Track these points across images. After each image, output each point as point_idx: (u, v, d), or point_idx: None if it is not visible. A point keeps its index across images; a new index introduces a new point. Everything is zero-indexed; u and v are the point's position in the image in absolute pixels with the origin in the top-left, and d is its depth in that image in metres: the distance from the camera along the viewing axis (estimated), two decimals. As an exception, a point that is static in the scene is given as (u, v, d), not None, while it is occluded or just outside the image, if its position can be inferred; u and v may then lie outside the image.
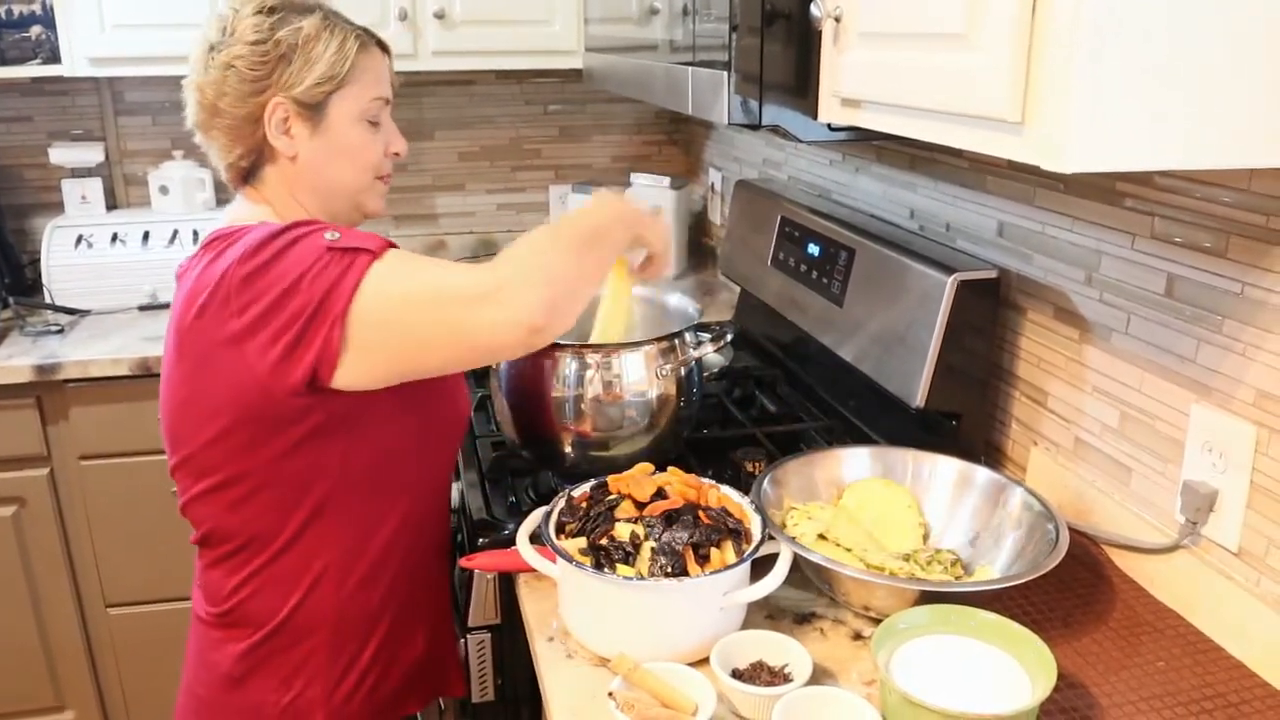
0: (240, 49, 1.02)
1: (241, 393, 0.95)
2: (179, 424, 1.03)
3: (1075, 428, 1.18)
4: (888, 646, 0.85)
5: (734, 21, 1.12)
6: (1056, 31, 0.68)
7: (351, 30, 1.07)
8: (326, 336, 0.91)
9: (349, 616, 1.06)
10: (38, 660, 2.00)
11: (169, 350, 1.03)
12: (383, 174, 1.13)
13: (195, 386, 0.99)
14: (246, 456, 0.99)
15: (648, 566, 0.93)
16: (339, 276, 0.92)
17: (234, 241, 0.97)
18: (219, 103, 1.04)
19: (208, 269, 0.97)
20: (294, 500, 1.01)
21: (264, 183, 1.08)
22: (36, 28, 2.11)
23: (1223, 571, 0.97)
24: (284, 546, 1.03)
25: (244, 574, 1.04)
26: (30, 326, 2.00)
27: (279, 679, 1.06)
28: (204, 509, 1.04)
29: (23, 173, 2.31)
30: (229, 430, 0.98)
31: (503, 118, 2.53)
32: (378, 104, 1.09)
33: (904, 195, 1.53)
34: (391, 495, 1.07)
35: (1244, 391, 0.94)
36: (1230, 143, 0.72)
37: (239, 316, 0.93)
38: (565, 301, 0.95)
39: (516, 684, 1.24)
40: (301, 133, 1.05)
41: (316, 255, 0.93)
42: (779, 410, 1.53)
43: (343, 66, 1.04)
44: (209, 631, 1.08)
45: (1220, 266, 0.96)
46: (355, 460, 1.02)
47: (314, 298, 0.91)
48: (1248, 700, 0.88)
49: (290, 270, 0.92)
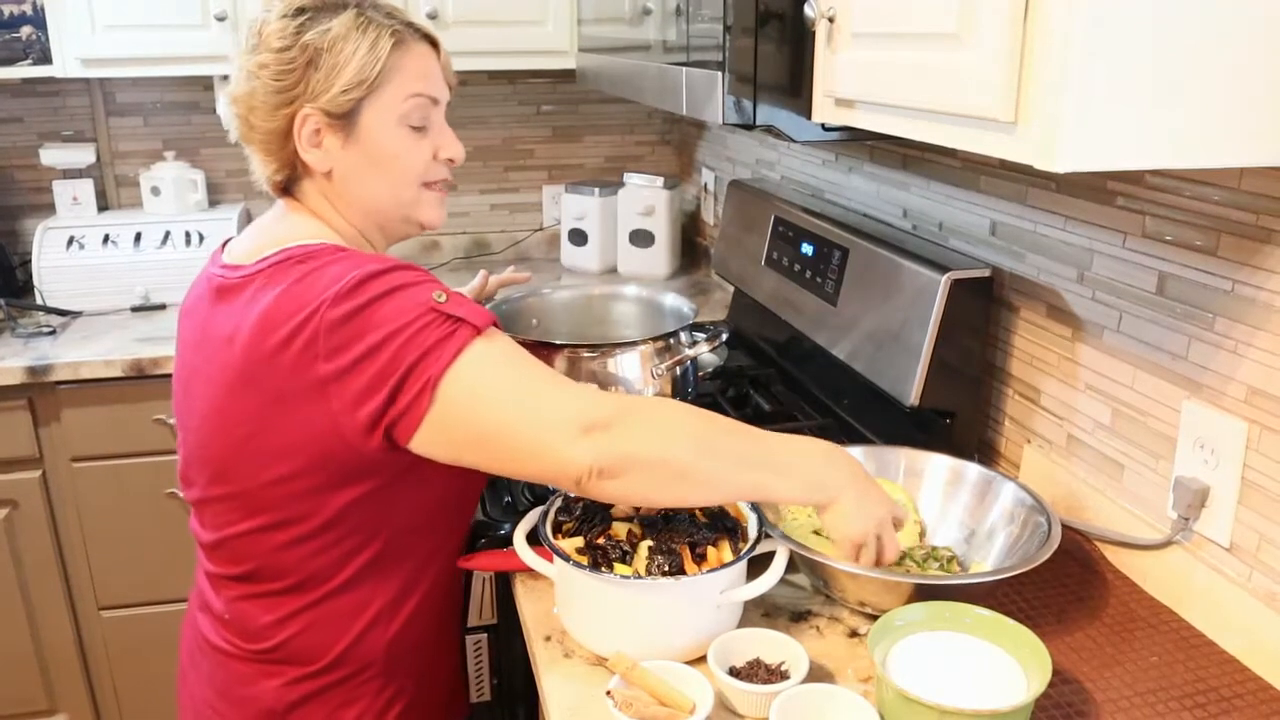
0: (266, 56, 0.94)
1: (319, 439, 0.88)
2: (234, 458, 0.93)
3: (1068, 425, 1.19)
4: (884, 643, 0.86)
5: (728, 22, 1.13)
6: (1049, 32, 0.68)
7: (388, 26, 0.96)
8: (413, 401, 0.85)
9: (397, 652, 1.03)
10: (30, 663, 1.99)
11: (223, 375, 0.92)
12: (431, 180, 1.02)
13: (264, 423, 0.90)
14: (312, 500, 0.93)
15: (645, 565, 0.94)
16: (438, 342, 0.85)
17: (314, 270, 0.89)
18: (250, 117, 0.96)
19: (286, 297, 0.88)
20: (359, 545, 0.97)
21: (305, 196, 1.00)
22: (27, 28, 2.10)
23: (1215, 567, 0.98)
24: (341, 587, 0.98)
25: (289, 610, 0.98)
26: (22, 328, 2.00)
27: (326, 711, 1.01)
28: (254, 546, 0.97)
29: (14, 174, 2.30)
30: (298, 474, 0.91)
31: (496, 118, 2.53)
32: (419, 103, 0.98)
33: (897, 194, 1.54)
34: (442, 536, 1.05)
35: (1235, 388, 0.95)
36: (1221, 142, 0.72)
37: (327, 361, 0.86)
38: (661, 472, 0.86)
39: (513, 684, 1.24)
40: (333, 144, 0.96)
41: (420, 311, 0.86)
42: (773, 409, 1.53)
43: (373, 69, 0.94)
44: (238, 666, 1.01)
45: (1211, 264, 0.96)
46: (416, 507, 0.98)
47: (408, 358, 0.85)
48: (1240, 694, 0.89)
49: (387, 321, 0.85)
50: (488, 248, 2.61)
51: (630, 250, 2.42)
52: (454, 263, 2.57)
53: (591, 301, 1.49)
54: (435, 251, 2.58)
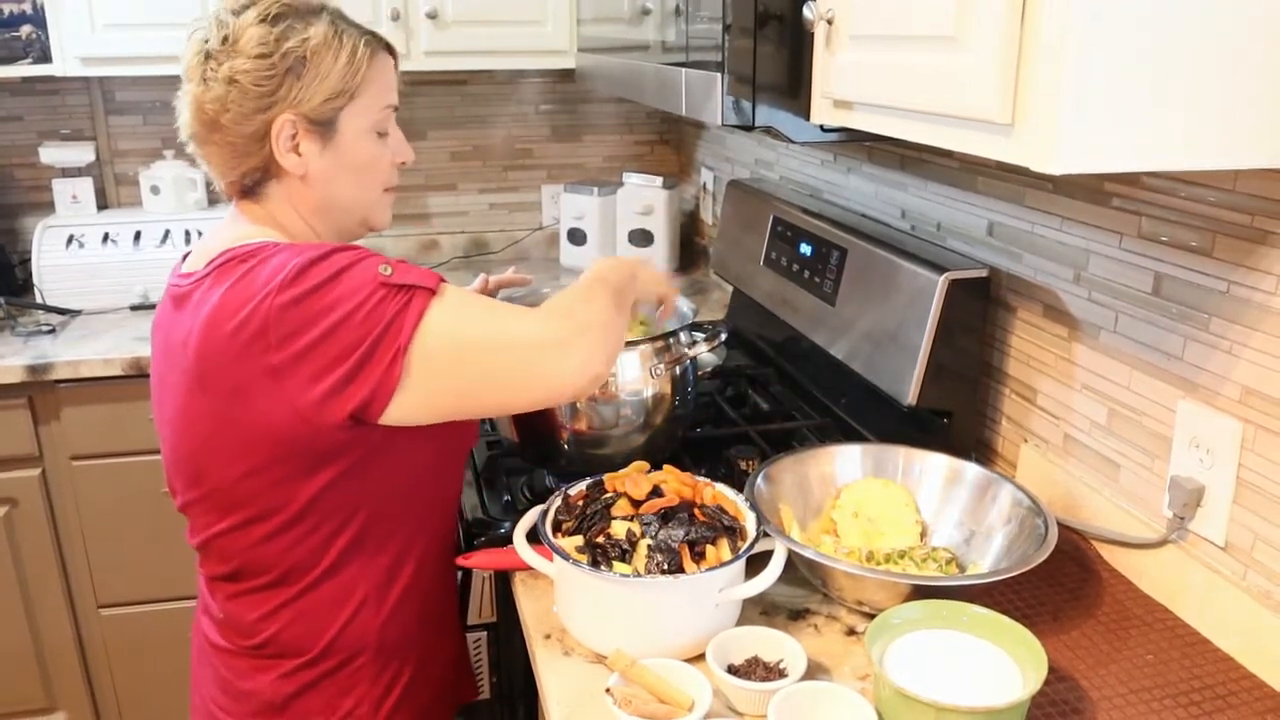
0: (244, 62, 0.95)
1: (280, 427, 0.90)
2: (203, 458, 0.96)
3: (1064, 424, 1.19)
4: (881, 641, 0.86)
5: (727, 22, 1.13)
6: (1045, 34, 0.69)
7: (360, 35, 1.00)
8: (385, 373, 0.87)
9: (390, 636, 1.04)
10: (29, 661, 1.99)
11: (183, 379, 0.95)
12: (390, 186, 1.08)
13: (224, 420, 0.92)
14: (283, 489, 0.94)
15: (644, 564, 0.94)
16: (397, 313, 0.88)
17: (255, 265, 0.91)
18: (220, 118, 0.96)
19: (231, 294, 0.90)
20: (336, 530, 0.98)
21: (267, 199, 1.02)
22: (27, 27, 2.10)
23: (1210, 565, 0.99)
24: (324, 575, 0.99)
25: (275, 604, 1.00)
26: (21, 326, 2.00)
27: (324, 700, 1.03)
28: (234, 544, 0.99)
29: (13, 172, 2.30)
30: (265, 465, 0.93)
31: (495, 118, 2.54)
32: (387, 113, 1.04)
33: (895, 195, 1.54)
34: (422, 512, 1.06)
35: (1230, 388, 0.96)
36: (1216, 144, 0.73)
37: (279, 349, 0.87)
38: (615, 351, 0.98)
39: (513, 682, 1.25)
40: (311, 150, 0.99)
41: (370, 289, 0.88)
42: (772, 409, 1.53)
43: (354, 79, 0.98)
44: (235, 662, 1.04)
45: (1206, 265, 0.97)
46: (391, 484, 1.00)
47: (370, 333, 0.87)
48: (1235, 692, 0.90)
49: (340, 302, 0.87)
50: (487, 247, 2.62)
51: (629, 250, 2.42)
52: (453, 262, 2.57)
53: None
54: (434, 251, 2.58)
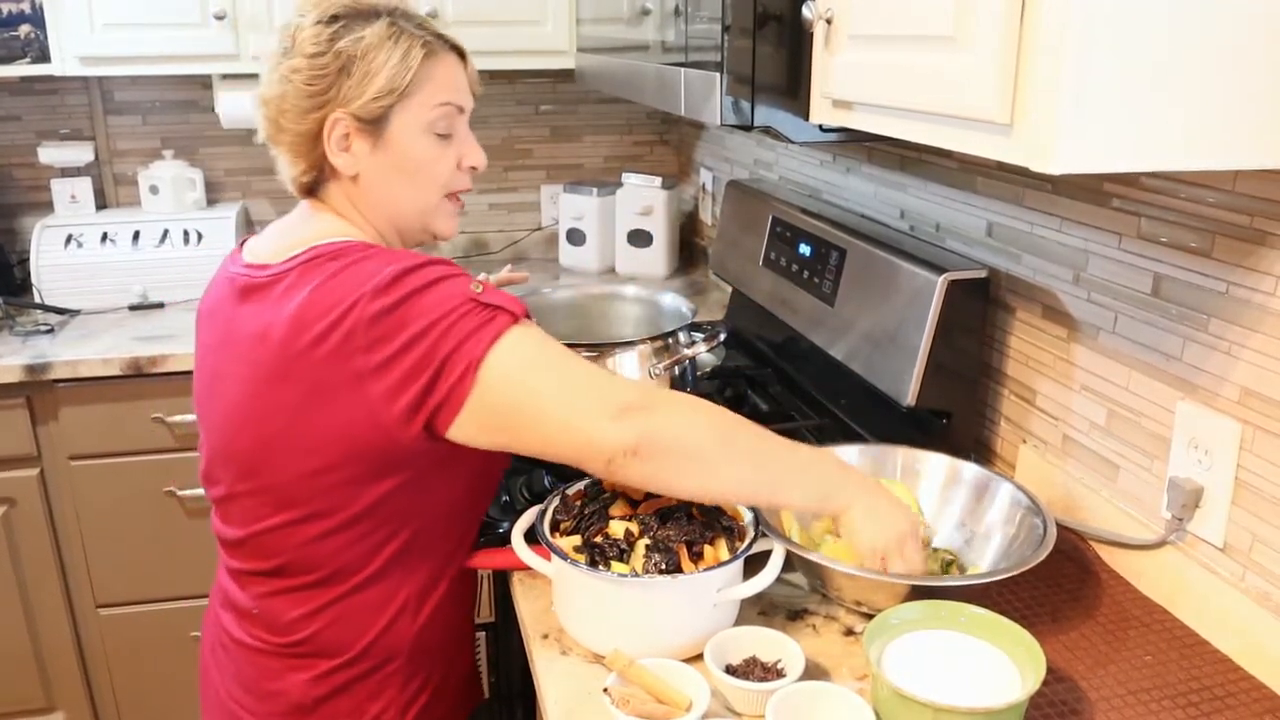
0: (299, 61, 0.96)
1: (356, 430, 0.90)
2: (266, 452, 0.95)
3: (1063, 425, 1.19)
4: (879, 642, 0.86)
5: (726, 22, 1.13)
6: (1045, 34, 0.69)
7: (420, 36, 0.99)
8: (456, 383, 0.87)
9: (423, 642, 1.04)
10: (28, 661, 1.99)
11: (254, 371, 0.94)
12: (453, 190, 1.05)
13: (299, 416, 0.92)
14: (345, 491, 0.94)
15: (642, 564, 0.94)
16: (478, 328, 0.88)
17: (348, 265, 0.91)
18: (280, 119, 0.98)
19: (321, 292, 0.90)
20: (388, 536, 0.98)
21: (329, 198, 1.03)
22: (25, 26, 2.10)
23: (1208, 566, 0.99)
24: (369, 579, 0.99)
25: (318, 604, 1.00)
26: (20, 326, 2.00)
27: (354, 704, 1.02)
28: (283, 540, 0.98)
29: (12, 172, 2.30)
30: (333, 465, 0.92)
31: (495, 118, 2.54)
32: (446, 111, 1.01)
33: (894, 195, 1.54)
34: (464, 527, 1.06)
35: (1229, 389, 0.95)
36: (1216, 144, 0.73)
37: (366, 354, 0.88)
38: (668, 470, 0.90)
39: (511, 682, 1.25)
40: (362, 149, 0.99)
41: (458, 301, 0.88)
42: (771, 409, 1.53)
43: (405, 77, 0.97)
44: (264, 660, 1.03)
45: (1206, 266, 0.97)
46: (446, 498, 1.00)
47: (448, 345, 0.87)
48: (1233, 693, 0.89)
49: (428, 312, 0.88)
50: (486, 247, 2.62)
51: (628, 250, 2.42)
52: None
53: (590, 301, 1.50)
54: (434, 251, 2.57)
